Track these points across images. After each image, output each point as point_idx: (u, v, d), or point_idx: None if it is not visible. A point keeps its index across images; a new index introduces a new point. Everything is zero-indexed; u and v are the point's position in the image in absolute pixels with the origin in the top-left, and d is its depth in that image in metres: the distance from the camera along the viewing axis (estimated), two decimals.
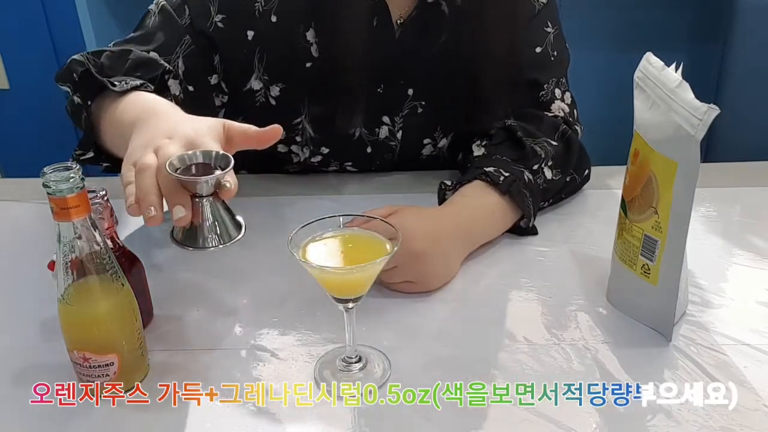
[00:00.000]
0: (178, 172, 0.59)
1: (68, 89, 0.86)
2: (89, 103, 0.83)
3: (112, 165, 0.86)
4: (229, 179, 0.61)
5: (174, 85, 0.89)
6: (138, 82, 0.81)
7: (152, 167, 0.61)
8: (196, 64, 0.91)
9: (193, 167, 0.61)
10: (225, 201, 0.62)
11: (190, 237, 0.61)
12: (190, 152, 0.62)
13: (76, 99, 0.83)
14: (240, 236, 0.62)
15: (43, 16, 1.74)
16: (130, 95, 0.79)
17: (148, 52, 0.88)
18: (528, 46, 0.98)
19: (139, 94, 0.79)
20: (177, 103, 0.87)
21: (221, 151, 0.62)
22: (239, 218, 0.63)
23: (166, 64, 0.87)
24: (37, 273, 0.75)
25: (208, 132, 0.65)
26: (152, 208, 0.60)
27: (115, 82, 0.80)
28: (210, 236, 0.61)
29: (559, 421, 0.60)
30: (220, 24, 0.90)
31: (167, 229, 0.91)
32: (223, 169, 0.60)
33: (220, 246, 0.61)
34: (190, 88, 0.91)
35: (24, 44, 1.76)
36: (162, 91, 0.85)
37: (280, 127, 0.67)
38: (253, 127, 0.68)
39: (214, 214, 0.61)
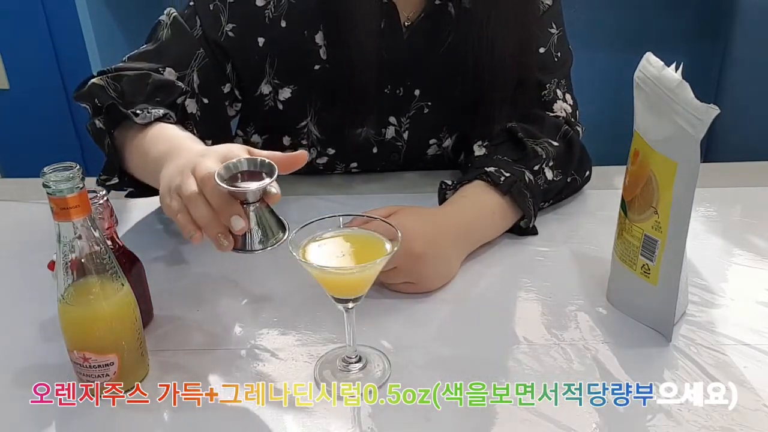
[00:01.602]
0: (225, 182, 0.60)
1: (87, 108, 0.86)
2: (112, 131, 0.83)
3: (136, 191, 0.86)
4: (275, 184, 0.62)
5: (191, 104, 0.90)
6: (161, 112, 0.81)
7: (199, 195, 0.61)
8: (210, 76, 0.91)
9: (239, 175, 0.62)
10: (269, 204, 0.63)
11: (237, 241, 0.62)
12: (234, 160, 0.62)
13: (98, 123, 0.83)
14: (285, 237, 0.63)
15: (43, 16, 1.74)
16: (154, 127, 0.79)
17: (164, 69, 0.88)
18: (532, 46, 0.98)
19: (164, 127, 0.79)
20: (195, 123, 0.89)
21: (266, 159, 0.62)
22: (283, 219, 0.63)
23: (182, 86, 0.88)
24: (37, 273, 0.75)
25: (239, 151, 0.65)
26: (222, 237, 0.61)
27: (138, 111, 0.80)
28: (257, 240, 0.62)
29: (559, 421, 0.60)
30: (231, 33, 0.90)
31: (168, 228, 0.91)
32: (269, 175, 0.61)
33: (267, 249, 0.62)
34: (205, 101, 0.91)
35: (24, 44, 1.76)
36: (183, 120, 0.86)
37: (306, 153, 0.66)
38: (278, 153, 0.68)
39: (261, 218, 0.62)
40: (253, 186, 0.60)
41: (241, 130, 1.04)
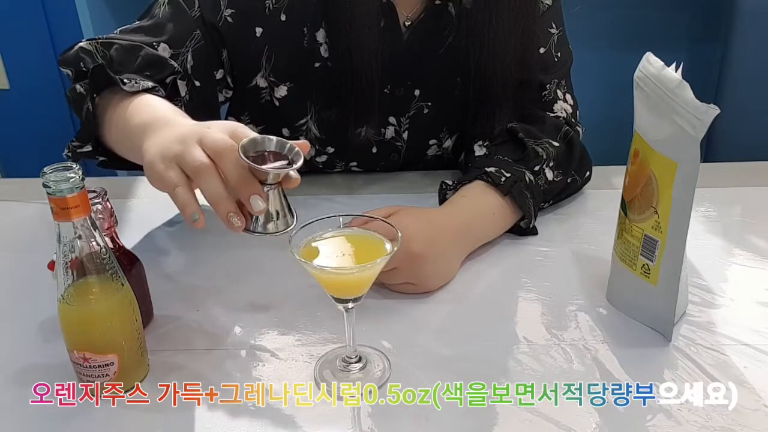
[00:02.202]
0: (249, 158, 0.57)
1: (69, 72, 0.84)
2: (95, 96, 0.80)
3: (109, 161, 0.84)
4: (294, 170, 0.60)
5: (181, 86, 0.88)
6: (150, 84, 0.79)
7: (212, 166, 0.57)
8: (204, 59, 0.90)
9: (266, 154, 0.59)
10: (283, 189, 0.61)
11: (246, 220, 0.60)
12: (266, 137, 0.59)
13: (79, 88, 0.81)
14: (293, 225, 0.61)
15: (43, 16, 1.74)
16: (141, 96, 0.76)
17: (159, 43, 0.86)
18: (532, 46, 0.98)
19: (151, 97, 0.77)
20: (183, 105, 0.87)
21: (294, 146, 0.60)
22: (292, 207, 0.62)
23: (175, 65, 0.86)
24: (37, 273, 0.75)
25: (244, 129, 0.62)
26: (233, 216, 0.57)
27: (125, 80, 0.78)
28: (265, 222, 0.60)
29: (559, 421, 0.60)
30: (229, 19, 0.90)
31: (168, 228, 0.91)
32: (294, 159, 0.59)
33: (276, 234, 0.61)
34: (197, 83, 0.90)
35: (24, 44, 1.76)
36: (172, 98, 0.84)
37: (308, 143, 0.64)
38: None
39: (275, 201, 0.60)
40: (278, 166, 0.58)
41: (233, 116, 1.02)
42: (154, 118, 0.70)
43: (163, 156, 0.61)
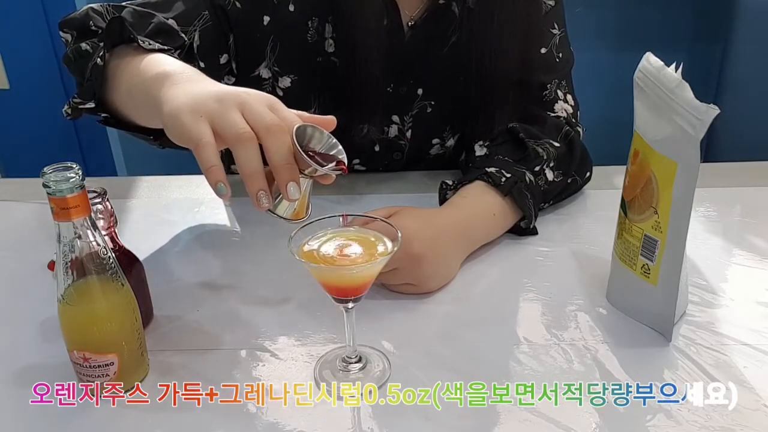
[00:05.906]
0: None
1: (70, 36, 0.83)
2: (104, 53, 0.77)
3: (112, 119, 0.82)
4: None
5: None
6: (165, 47, 0.78)
7: (255, 138, 0.55)
8: (210, 41, 0.89)
9: (311, 151, 0.59)
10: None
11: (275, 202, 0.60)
12: (317, 129, 0.59)
13: (85, 46, 0.79)
14: (307, 216, 0.62)
15: (43, 16, 1.74)
16: (157, 54, 0.75)
17: (167, 18, 0.86)
18: (534, 46, 0.98)
19: (168, 56, 0.75)
20: None
21: (340, 145, 0.60)
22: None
23: (185, 38, 0.85)
24: (37, 273, 0.75)
25: (277, 102, 0.60)
26: (264, 195, 0.56)
27: (141, 40, 0.77)
28: (287, 206, 0.60)
29: (559, 421, 0.60)
30: (238, 3, 0.90)
31: (168, 228, 0.91)
32: (339, 160, 0.60)
33: (292, 221, 0.61)
34: (201, 65, 0.89)
35: (24, 44, 1.76)
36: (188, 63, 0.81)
37: (334, 119, 0.62)
38: (305, 114, 0.63)
39: (305, 191, 0.60)
40: (329, 167, 0.58)
41: None
42: (177, 71, 0.67)
43: (195, 109, 0.58)
